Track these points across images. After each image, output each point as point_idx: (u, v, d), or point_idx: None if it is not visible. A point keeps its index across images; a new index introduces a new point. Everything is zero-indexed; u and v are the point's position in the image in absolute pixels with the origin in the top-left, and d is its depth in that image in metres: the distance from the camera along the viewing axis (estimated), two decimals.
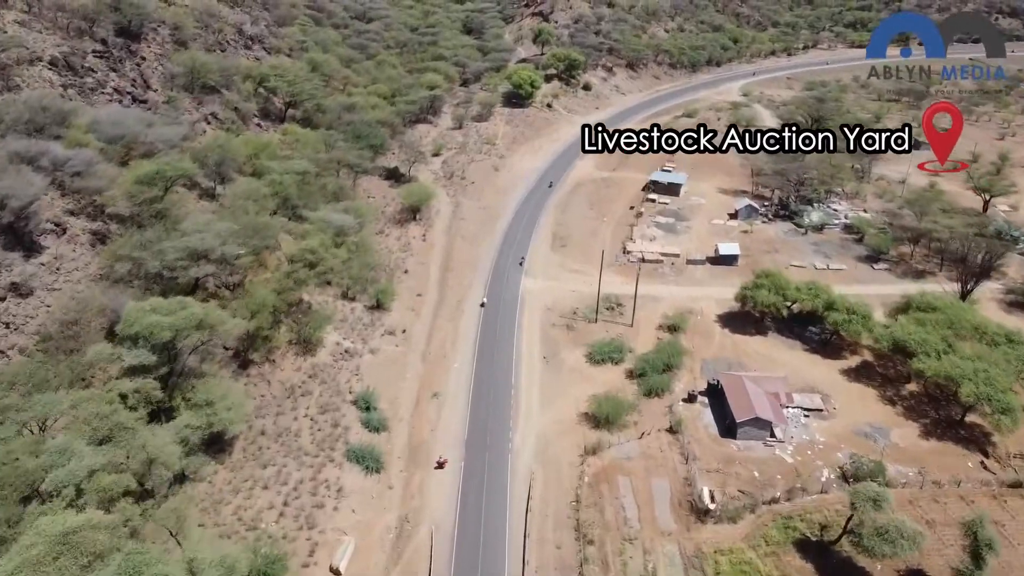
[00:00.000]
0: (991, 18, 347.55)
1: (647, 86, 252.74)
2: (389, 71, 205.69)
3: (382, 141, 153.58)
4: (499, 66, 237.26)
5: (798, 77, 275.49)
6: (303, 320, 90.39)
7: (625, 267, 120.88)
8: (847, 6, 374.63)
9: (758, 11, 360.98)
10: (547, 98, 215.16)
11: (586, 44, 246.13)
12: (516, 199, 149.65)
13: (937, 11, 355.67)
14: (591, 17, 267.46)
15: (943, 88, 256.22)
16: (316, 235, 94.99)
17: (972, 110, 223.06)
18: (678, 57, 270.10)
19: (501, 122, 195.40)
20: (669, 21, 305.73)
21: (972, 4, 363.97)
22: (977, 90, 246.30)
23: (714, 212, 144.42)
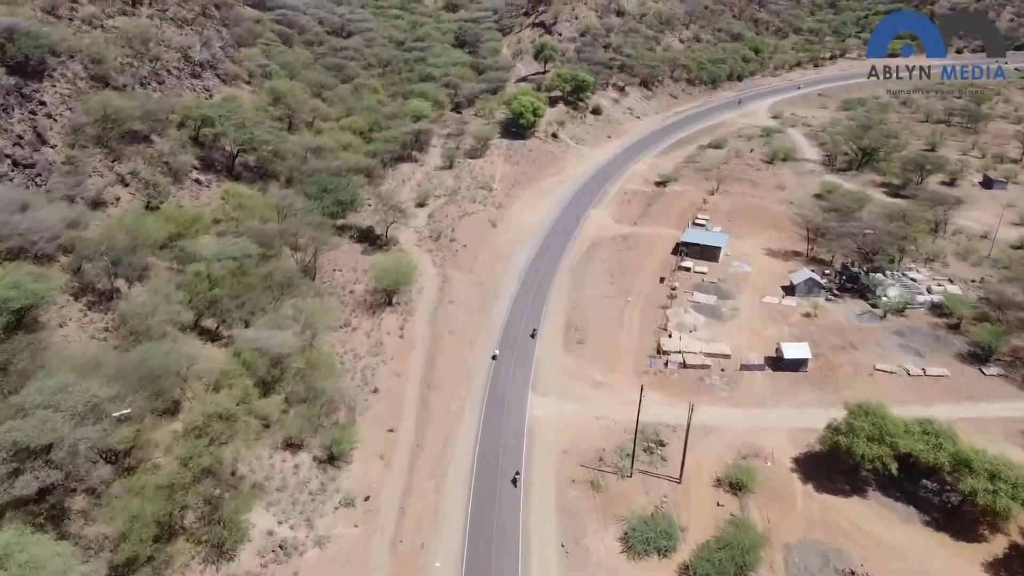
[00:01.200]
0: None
1: (663, 107, 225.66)
2: (368, 98, 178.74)
3: (353, 196, 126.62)
4: (496, 87, 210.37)
5: (830, 93, 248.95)
6: (217, 503, 63.40)
7: (663, 376, 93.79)
8: (874, 10, 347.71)
9: (778, 16, 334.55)
10: (552, 126, 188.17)
11: (594, 61, 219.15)
12: (518, 268, 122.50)
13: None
14: (599, 29, 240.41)
15: (993, 104, 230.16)
16: (238, 380, 67.67)
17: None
18: (696, 72, 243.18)
19: (499, 159, 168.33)
20: (684, 30, 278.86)
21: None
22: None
23: (764, 284, 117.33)
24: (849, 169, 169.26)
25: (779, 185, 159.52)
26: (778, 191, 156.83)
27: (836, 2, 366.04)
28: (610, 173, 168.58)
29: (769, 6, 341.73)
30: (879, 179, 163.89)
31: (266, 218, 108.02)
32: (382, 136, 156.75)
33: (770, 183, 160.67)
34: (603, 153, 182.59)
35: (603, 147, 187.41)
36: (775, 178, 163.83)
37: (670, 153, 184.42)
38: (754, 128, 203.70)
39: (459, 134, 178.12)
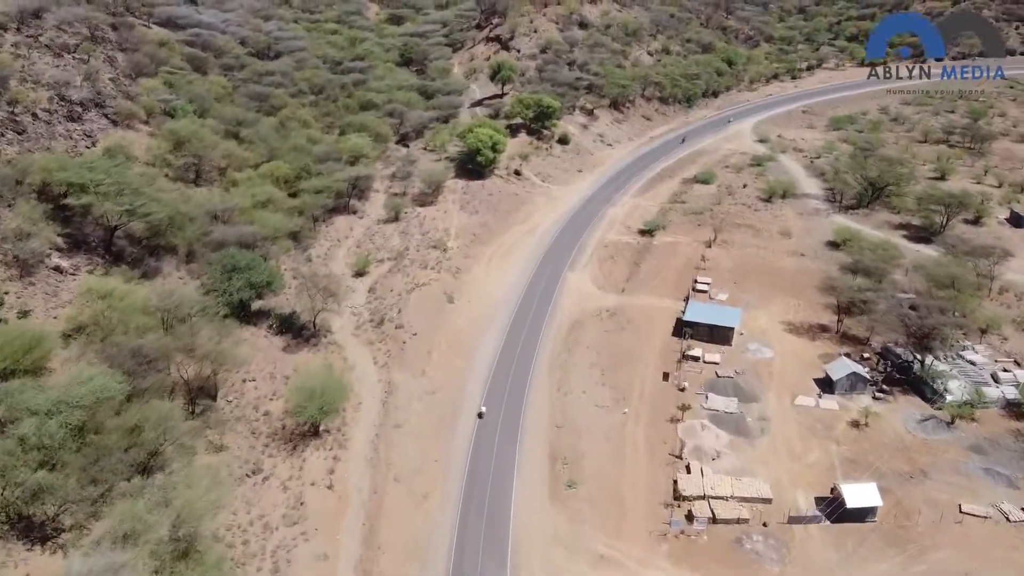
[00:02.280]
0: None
1: (637, 131, 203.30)
2: (296, 135, 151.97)
3: (271, 277, 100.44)
4: (448, 115, 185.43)
5: (815, 110, 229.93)
6: None
7: (688, 541, 69.84)
8: (845, 15, 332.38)
9: (747, 23, 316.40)
10: (514, 161, 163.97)
11: (559, 81, 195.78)
12: (483, 365, 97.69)
13: None
14: (562, 44, 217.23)
15: (989, 119, 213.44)
16: None
17: None
18: (670, 90, 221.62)
19: (454, 206, 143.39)
20: (652, 41, 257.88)
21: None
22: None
23: (793, 377, 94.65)
24: (858, 206, 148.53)
25: (784, 231, 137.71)
26: (784, 239, 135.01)
27: (806, 8, 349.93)
28: (586, 219, 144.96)
29: (737, 13, 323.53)
30: (894, 218, 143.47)
31: (145, 327, 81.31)
32: (311, 186, 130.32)
33: (773, 228, 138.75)
34: (575, 192, 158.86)
35: (574, 184, 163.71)
36: (777, 221, 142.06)
37: (651, 190, 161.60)
38: (741, 155, 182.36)
39: (406, 176, 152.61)
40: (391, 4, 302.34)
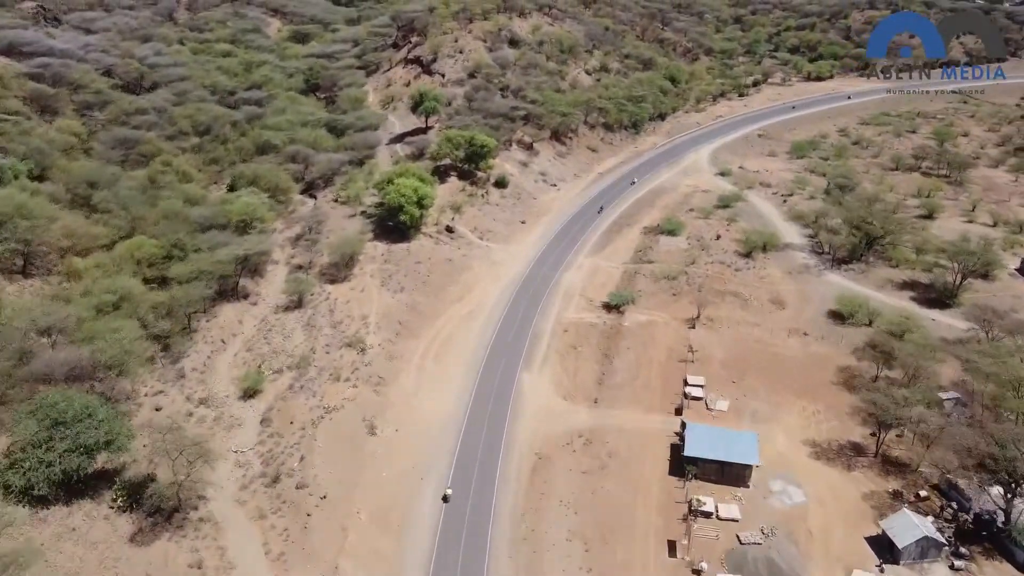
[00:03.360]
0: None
1: (583, 166, 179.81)
2: (170, 196, 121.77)
3: (110, 434, 71.31)
4: (363, 157, 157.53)
5: (772, 133, 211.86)
6: None
7: None
8: (784, 26, 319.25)
9: (684, 35, 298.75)
10: (444, 214, 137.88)
11: (492, 111, 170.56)
12: (420, 545, 70.97)
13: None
14: (492, 66, 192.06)
15: (955, 141, 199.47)
16: None
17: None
18: (615, 115, 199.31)
19: (373, 281, 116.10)
20: (589, 58, 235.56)
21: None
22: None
23: (840, 538, 71.63)
24: (851, 259, 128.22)
25: (775, 298, 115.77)
26: (777, 310, 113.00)
27: (742, 18, 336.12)
28: (537, 290, 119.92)
29: (674, 24, 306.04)
30: (896, 274, 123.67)
31: None
32: (185, 272, 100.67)
33: (762, 294, 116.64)
34: (521, 252, 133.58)
35: (519, 241, 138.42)
36: (765, 284, 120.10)
37: (610, 244, 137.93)
38: (704, 194, 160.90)
39: (313, 241, 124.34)
40: (295, 19, 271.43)
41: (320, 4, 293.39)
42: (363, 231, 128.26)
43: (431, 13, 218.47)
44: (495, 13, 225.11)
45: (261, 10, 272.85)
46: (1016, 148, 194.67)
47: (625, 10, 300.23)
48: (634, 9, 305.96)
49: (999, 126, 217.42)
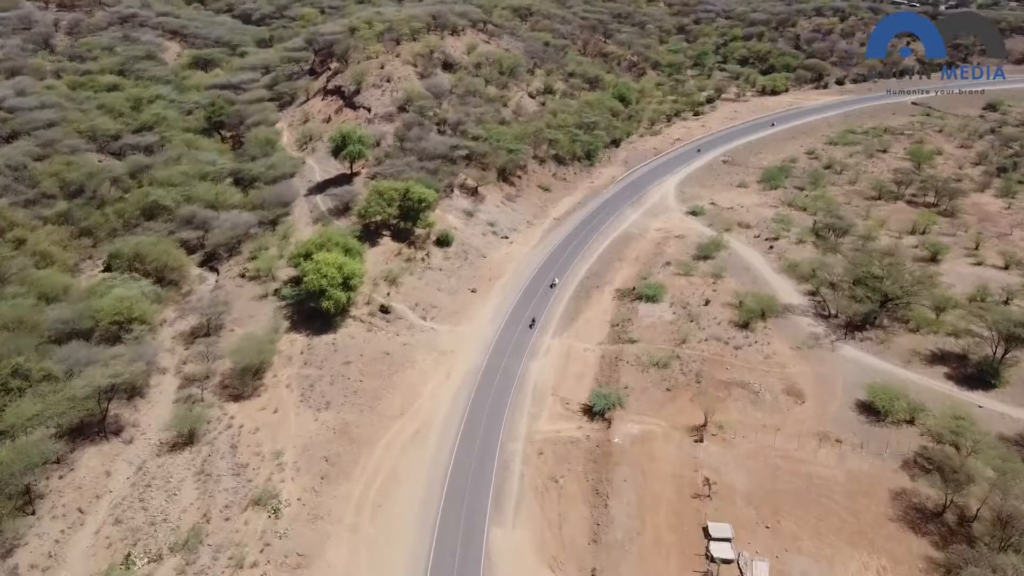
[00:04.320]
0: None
1: (537, 210, 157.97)
2: (16, 294, 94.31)
3: None
4: (276, 216, 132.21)
5: (737, 158, 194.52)
6: None
7: None
8: (731, 36, 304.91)
9: (628, 48, 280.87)
10: (379, 288, 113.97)
11: (429, 153, 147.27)
12: None
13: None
14: (426, 96, 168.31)
15: (932, 159, 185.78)
16: None
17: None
18: (567, 147, 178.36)
19: (290, 396, 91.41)
20: (531, 79, 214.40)
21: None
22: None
23: None
24: (864, 325, 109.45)
25: (791, 388, 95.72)
26: (795, 404, 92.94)
27: (685, 27, 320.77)
28: (500, 389, 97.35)
29: (616, 36, 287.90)
30: (921, 342, 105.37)
31: None
32: (25, 416, 73.98)
33: (775, 384, 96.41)
34: (474, 334, 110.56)
35: (470, 317, 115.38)
36: (774, 368, 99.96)
37: (580, 316, 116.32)
38: (679, 240, 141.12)
39: (209, 345, 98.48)
40: (197, 42, 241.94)
41: (227, 24, 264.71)
42: (277, 322, 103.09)
43: (352, 35, 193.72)
44: (425, 33, 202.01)
45: (156, 32, 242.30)
46: (998, 168, 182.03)
47: (564, 22, 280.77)
48: (573, 21, 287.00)
49: (970, 142, 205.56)
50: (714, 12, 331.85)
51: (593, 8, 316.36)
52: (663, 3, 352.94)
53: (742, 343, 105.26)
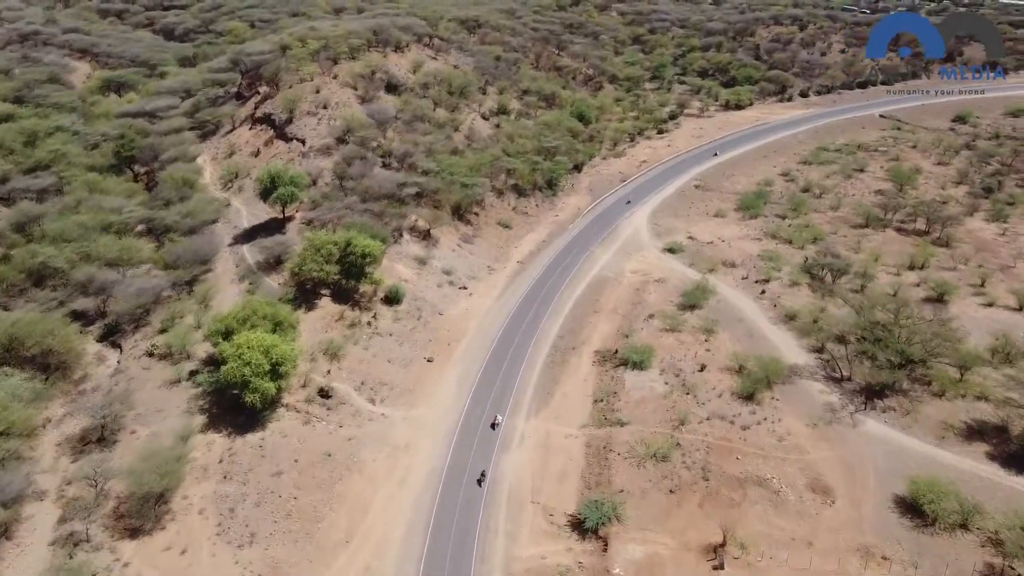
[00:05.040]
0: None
1: (498, 252, 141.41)
2: None
3: None
4: (194, 275, 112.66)
5: (709, 183, 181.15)
6: None
7: None
8: (688, 46, 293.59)
9: (583, 60, 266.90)
10: (316, 366, 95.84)
11: (373, 192, 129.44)
12: None
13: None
14: (368, 123, 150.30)
15: (914, 179, 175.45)
16: None
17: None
18: (527, 176, 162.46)
19: (204, 528, 73.08)
20: (483, 98, 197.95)
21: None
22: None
23: None
24: (883, 391, 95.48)
25: (815, 482, 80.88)
26: (826, 506, 78.06)
27: (640, 37, 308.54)
28: (467, 500, 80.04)
29: (570, 48, 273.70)
30: (951, 411, 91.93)
31: None
32: None
33: (796, 477, 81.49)
34: (432, 421, 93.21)
35: (427, 396, 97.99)
36: (791, 454, 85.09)
37: (557, 388, 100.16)
38: (658, 286, 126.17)
39: (103, 459, 79.00)
40: (110, 62, 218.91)
41: (145, 40, 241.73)
42: (189, 426, 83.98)
43: (284, 54, 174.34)
44: (365, 50, 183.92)
45: (63, 52, 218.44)
46: (984, 188, 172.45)
47: (515, 34, 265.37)
48: (525, 33, 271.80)
49: (947, 159, 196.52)
50: (669, 21, 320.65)
51: (544, 18, 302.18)
52: (615, 12, 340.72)
53: (749, 421, 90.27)
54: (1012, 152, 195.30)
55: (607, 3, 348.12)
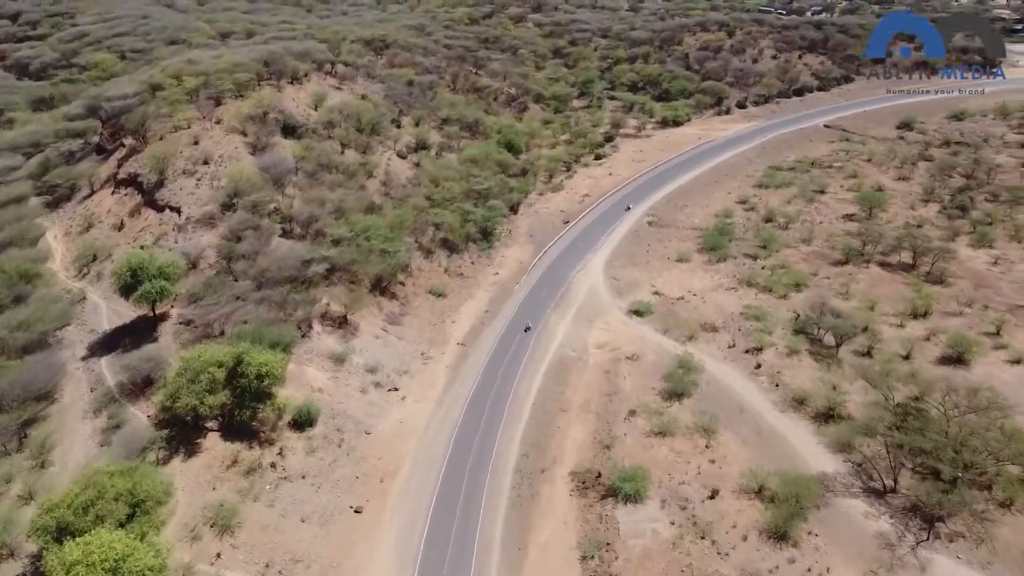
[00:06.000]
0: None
1: (433, 332, 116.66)
2: None
3: None
4: (28, 417, 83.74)
5: (664, 218, 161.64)
6: None
7: None
8: (615, 58, 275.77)
9: (504, 79, 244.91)
10: (198, 542, 69.09)
11: (272, 277, 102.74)
12: None
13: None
14: (262, 180, 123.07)
15: (887, 206, 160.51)
16: None
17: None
18: (459, 229, 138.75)
19: None
20: (398, 132, 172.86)
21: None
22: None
23: None
24: (943, 510, 75.68)
25: None
26: None
27: (562, 50, 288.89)
28: None
29: (489, 65, 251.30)
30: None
31: None
32: None
33: None
34: None
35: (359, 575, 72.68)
36: None
37: (531, 540, 76.75)
38: (632, 364, 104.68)
39: None
40: None
41: None
42: None
43: (153, 96, 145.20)
44: (256, 85, 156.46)
45: None
46: (957, 207, 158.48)
47: (428, 54, 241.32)
48: (438, 52, 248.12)
49: (906, 172, 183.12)
50: (590, 31, 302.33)
51: (457, 34, 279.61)
52: (532, 24, 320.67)
53: (786, 570, 68.78)
54: (972, 162, 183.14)
55: (522, 14, 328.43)
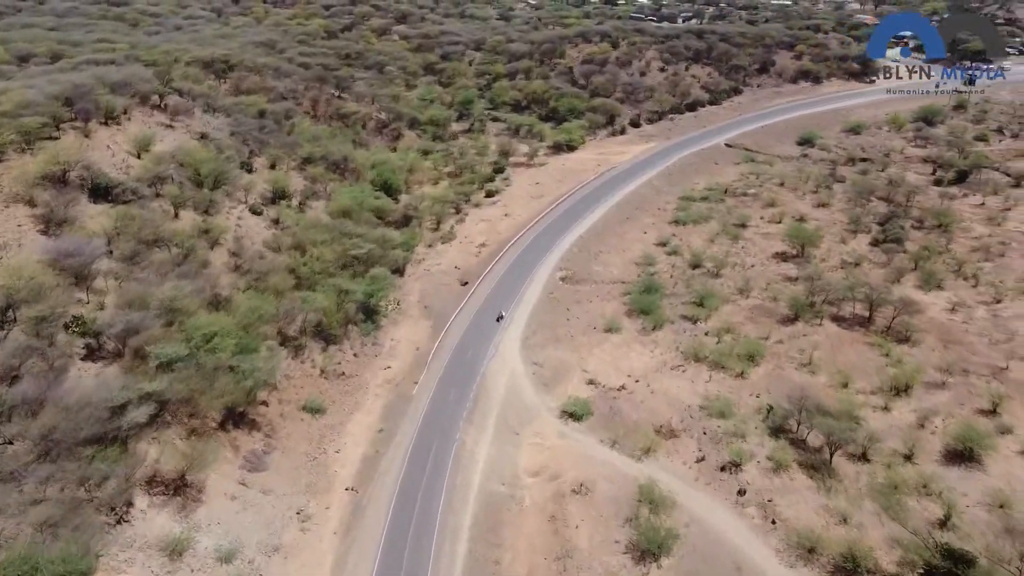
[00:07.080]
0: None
1: (312, 477, 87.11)
2: None
3: None
4: None
5: (578, 272, 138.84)
6: None
7: None
8: (494, 74, 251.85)
9: (373, 102, 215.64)
10: None
11: (65, 437, 69.85)
12: None
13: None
14: (54, 278, 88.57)
15: (818, 242, 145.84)
16: None
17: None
18: (337, 318, 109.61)
19: None
20: (249, 179, 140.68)
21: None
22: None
23: None
24: None
25: None
26: None
27: (433, 66, 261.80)
28: None
29: (353, 88, 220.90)
30: None
31: None
32: None
33: None
34: None
35: None
36: None
37: None
38: (582, 501, 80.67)
39: None
40: None
41: None
42: None
43: None
44: (48, 135, 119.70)
45: None
46: (891, 239, 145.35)
47: (281, 76, 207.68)
48: (293, 73, 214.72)
49: (825, 198, 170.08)
50: (462, 44, 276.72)
51: (313, 50, 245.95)
52: (397, 36, 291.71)
53: None
54: (889, 184, 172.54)
55: (386, 26, 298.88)
